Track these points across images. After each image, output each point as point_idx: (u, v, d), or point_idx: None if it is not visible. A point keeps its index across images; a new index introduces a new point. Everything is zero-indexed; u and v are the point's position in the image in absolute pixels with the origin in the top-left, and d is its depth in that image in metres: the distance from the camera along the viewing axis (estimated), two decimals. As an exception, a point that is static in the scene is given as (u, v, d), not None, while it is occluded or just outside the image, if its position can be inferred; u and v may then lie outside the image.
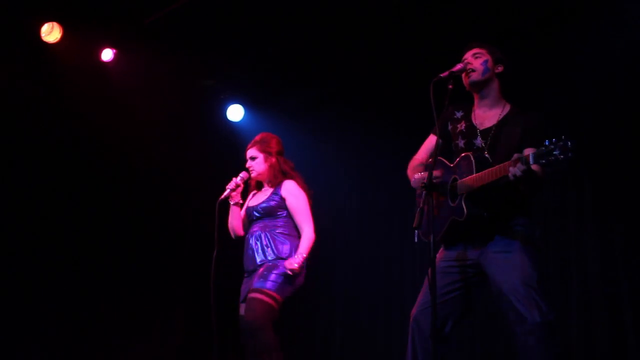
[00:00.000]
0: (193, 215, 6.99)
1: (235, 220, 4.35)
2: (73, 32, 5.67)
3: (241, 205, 4.37)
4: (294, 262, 4.01)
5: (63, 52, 5.72)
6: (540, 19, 4.88)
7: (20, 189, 6.31)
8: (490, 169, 2.97)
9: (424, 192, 2.97)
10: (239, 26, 5.52)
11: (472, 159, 3.10)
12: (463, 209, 3.05)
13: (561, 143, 2.66)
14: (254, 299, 3.96)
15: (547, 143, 2.70)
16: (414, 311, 3.24)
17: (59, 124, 6.25)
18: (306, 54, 5.73)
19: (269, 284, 3.99)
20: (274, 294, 3.97)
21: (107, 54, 5.88)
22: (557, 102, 4.91)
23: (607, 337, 4.54)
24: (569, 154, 2.64)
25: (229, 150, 6.81)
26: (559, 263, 4.81)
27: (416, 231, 2.97)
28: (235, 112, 6.57)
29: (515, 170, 2.81)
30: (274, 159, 4.29)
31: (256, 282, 4.02)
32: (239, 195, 4.33)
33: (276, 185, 4.25)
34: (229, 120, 6.60)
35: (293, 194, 4.20)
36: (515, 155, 2.85)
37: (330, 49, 5.64)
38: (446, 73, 3.14)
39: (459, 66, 3.21)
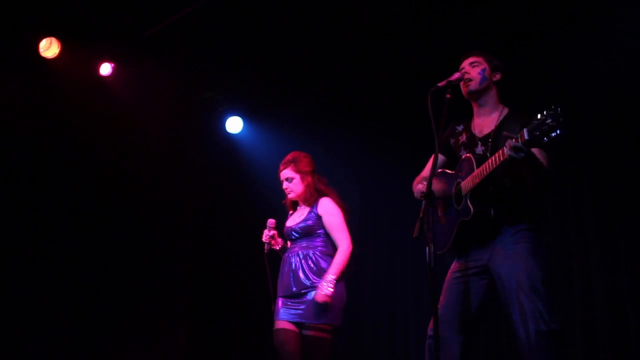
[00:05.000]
0: (193, 226, 7.02)
1: None
2: (71, 47, 5.70)
3: (285, 247, 4.34)
4: (325, 292, 3.96)
5: (61, 67, 5.75)
6: (540, 20, 4.87)
7: (21, 201, 6.31)
8: (489, 159, 2.98)
9: (423, 201, 2.95)
10: (236, 38, 5.54)
11: (472, 157, 3.12)
12: (469, 207, 3.05)
13: (552, 112, 2.68)
14: (312, 338, 3.98)
15: (539, 116, 2.71)
16: (430, 327, 3.18)
17: (58, 139, 6.26)
18: (304, 64, 5.75)
19: (320, 317, 3.98)
20: (328, 327, 4.00)
21: (106, 69, 5.91)
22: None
23: (610, 341, 4.50)
24: (561, 119, 2.66)
25: (228, 162, 6.83)
26: (560, 267, 4.78)
27: (427, 251, 2.89)
28: (234, 124, 6.59)
29: (511, 143, 2.79)
30: (309, 178, 4.25)
31: (309, 318, 4.00)
32: (277, 240, 4.31)
33: (312, 203, 4.24)
34: (228, 133, 6.62)
35: (329, 211, 4.18)
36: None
37: (327, 59, 5.66)
38: (444, 82, 3.13)
39: (456, 75, 3.21)
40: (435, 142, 2.98)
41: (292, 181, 4.24)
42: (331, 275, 3.99)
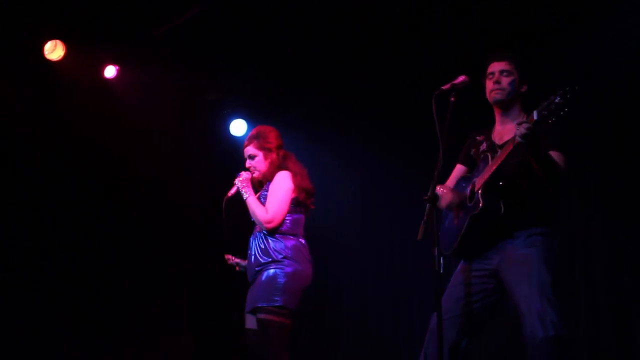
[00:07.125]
0: (195, 226, 7.01)
1: None
2: (76, 49, 5.71)
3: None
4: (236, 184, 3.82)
5: (66, 69, 5.74)
6: (540, 20, 4.88)
7: (23, 202, 6.30)
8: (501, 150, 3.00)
9: (427, 205, 2.95)
10: (240, 40, 5.55)
11: (489, 155, 3.14)
12: (479, 201, 3.05)
13: (560, 91, 2.74)
14: (265, 321, 3.63)
15: (549, 97, 2.76)
16: (432, 321, 3.18)
17: (63, 142, 6.25)
18: (307, 66, 5.76)
19: (273, 300, 3.62)
20: (283, 310, 3.63)
21: (110, 71, 5.92)
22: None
23: (614, 346, 4.51)
24: (568, 96, 2.71)
25: (232, 165, 6.84)
26: (564, 271, 4.76)
27: (441, 260, 2.86)
28: (238, 127, 6.57)
29: (520, 129, 2.82)
30: (274, 155, 3.88)
31: (261, 300, 3.66)
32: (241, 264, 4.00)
33: (271, 179, 3.87)
34: (232, 135, 6.60)
35: (275, 182, 3.80)
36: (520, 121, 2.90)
37: (331, 60, 5.68)
38: (448, 85, 3.11)
39: (461, 79, 3.15)
40: (440, 146, 2.96)
41: (254, 159, 3.91)
42: (246, 194, 3.80)
